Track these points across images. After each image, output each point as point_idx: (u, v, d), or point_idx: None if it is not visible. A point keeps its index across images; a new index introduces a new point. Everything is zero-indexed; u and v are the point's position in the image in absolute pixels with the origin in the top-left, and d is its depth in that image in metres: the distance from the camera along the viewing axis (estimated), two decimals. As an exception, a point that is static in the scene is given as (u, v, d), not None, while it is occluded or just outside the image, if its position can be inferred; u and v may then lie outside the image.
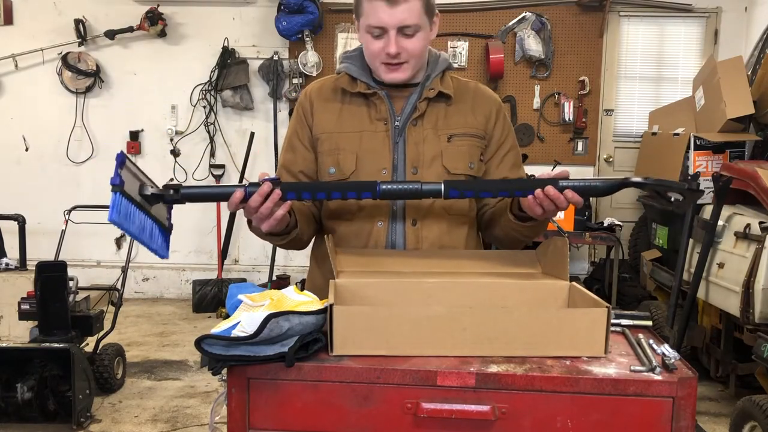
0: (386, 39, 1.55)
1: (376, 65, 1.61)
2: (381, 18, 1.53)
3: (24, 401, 3.15)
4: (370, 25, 1.55)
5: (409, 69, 1.60)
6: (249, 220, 1.51)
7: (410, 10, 1.52)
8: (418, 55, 1.59)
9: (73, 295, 3.50)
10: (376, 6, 1.52)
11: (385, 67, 1.59)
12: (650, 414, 1.13)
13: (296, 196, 1.46)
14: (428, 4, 1.56)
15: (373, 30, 1.56)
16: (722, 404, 3.67)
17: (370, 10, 1.54)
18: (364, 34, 1.59)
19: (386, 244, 1.62)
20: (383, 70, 1.60)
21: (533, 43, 5.50)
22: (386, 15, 1.52)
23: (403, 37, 1.55)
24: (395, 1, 1.51)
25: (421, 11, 1.55)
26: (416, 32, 1.55)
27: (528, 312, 1.22)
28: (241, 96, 5.66)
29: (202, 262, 5.95)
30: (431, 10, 1.58)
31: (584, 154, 5.64)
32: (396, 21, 1.52)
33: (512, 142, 1.73)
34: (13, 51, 5.72)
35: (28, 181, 5.88)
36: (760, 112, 4.12)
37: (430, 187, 1.46)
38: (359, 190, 1.47)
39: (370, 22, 1.55)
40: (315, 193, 1.48)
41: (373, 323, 1.19)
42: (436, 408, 1.14)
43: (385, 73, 1.60)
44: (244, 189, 1.41)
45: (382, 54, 1.57)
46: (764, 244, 3.14)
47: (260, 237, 1.60)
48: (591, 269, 5.66)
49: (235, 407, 1.18)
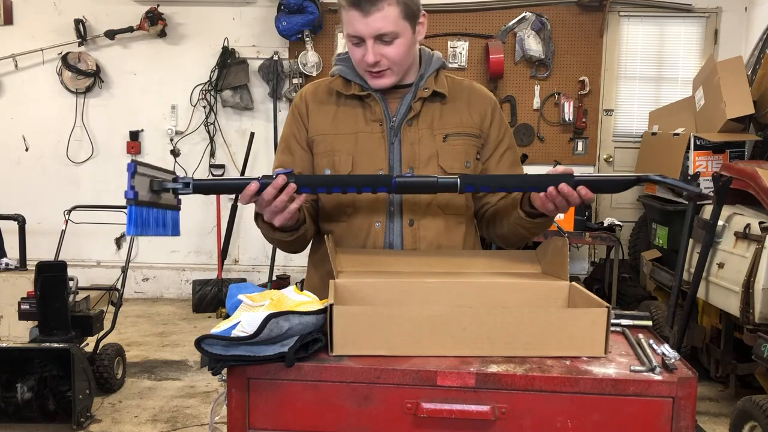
0: (364, 48, 1.55)
1: (361, 72, 1.62)
2: (357, 28, 1.53)
3: (24, 401, 3.14)
4: (349, 34, 1.56)
5: (392, 75, 1.60)
6: (257, 215, 1.49)
7: (385, 18, 1.51)
8: (400, 61, 1.59)
9: (73, 295, 3.50)
10: (351, 16, 1.53)
11: (369, 75, 1.61)
12: (650, 414, 1.13)
13: (311, 190, 1.46)
14: (408, 9, 1.54)
15: (351, 39, 1.56)
16: (722, 404, 3.67)
17: (347, 20, 1.55)
18: (347, 42, 1.60)
19: (384, 245, 1.62)
20: (368, 77, 1.62)
21: (533, 43, 5.50)
22: (361, 25, 1.52)
23: (382, 45, 1.55)
24: (368, 11, 1.50)
25: (398, 17, 1.53)
26: (395, 39, 1.55)
27: (528, 312, 1.22)
28: (241, 96, 5.66)
29: (202, 262, 5.95)
30: (412, 14, 1.56)
31: (584, 154, 5.64)
32: (372, 30, 1.52)
33: (510, 140, 1.74)
34: (13, 51, 5.73)
35: (28, 181, 5.88)
36: (760, 112, 4.12)
37: (445, 181, 1.46)
38: (374, 184, 1.47)
39: (348, 31, 1.56)
40: (330, 188, 1.46)
41: (373, 323, 1.19)
42: (436, 408, 1.14)
43: (370, 80, 1.62)
44: (258, 181, 1.40)
45: (363, 62, 1.58)
46: (764, 244, 3.14)
47: (267, 234, 1.57)
48: (591, 269, 5.67)
49: (235, 407, 1.18)
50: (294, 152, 1.69)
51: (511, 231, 1.65)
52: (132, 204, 1.27)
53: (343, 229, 1.64)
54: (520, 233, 1.63)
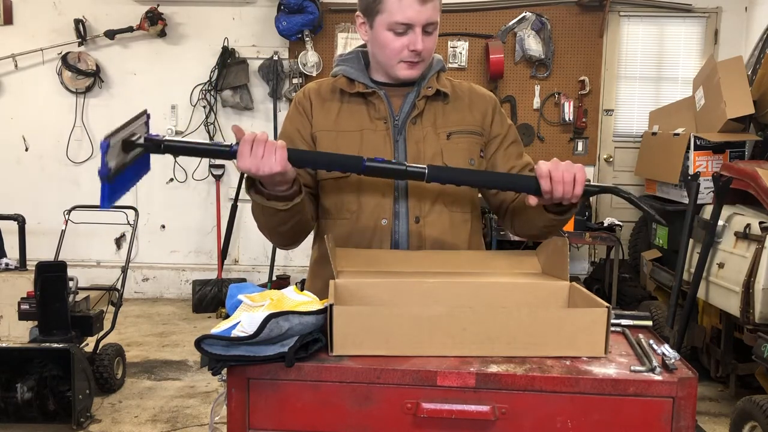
0: (411, 36, 1.56)
1: (392, 63, 1.61)
2: (409, 15, 1.54)
3: (24, 401, 3.14)
4: (396, 22, 1.55)
5: (423, 66, 1.63)
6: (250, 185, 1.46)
7: (435, 8, 1.57)
8: (432, 53, 1.64)
9: (73, 295, 3.50)
10: (405, 3, 1.53)
11: (405, 65, 1.60)
12: (650, 414, 1.13)
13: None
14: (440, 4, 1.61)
15: (397, 26, 1.56)
16: (722, 404, 3.67)
17: (396, 7, 1.54)
18: (382, 32, 1.58)
19: (390, 242, 1.62)
20: (401, 68, 1.61)
21: (533, 43, 5.50)
22: (415, 12, 1.53)
23: (424, 35, 1.57)
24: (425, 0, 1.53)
25: (439, 8, 1.59)
26: (435, 30, 1.59)
27: (528, 312, 1.22)
28: (241, 96, 5.66)
29: (202, 262, 5.95)
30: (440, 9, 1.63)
31: (584, 154, 5.64)
32: (424, 18, 1.55)
33: (514, 135, 1.75)
34: (13, 51, 5.73)
35: (28, 181, 5.88)
36: (760, 112, 4.12)
37: (414, 170, 1.48)
38: (345, 165, 1.48)
39: (395, 18, 1.55)
40: (301, 163, 1.47)
41: (373, 323, 1.19)
42: (436, 408, 1.14)
43: (402, 70, 1.61)
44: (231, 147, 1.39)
45: (404, 51, 1.58)
46: (764, 244, 3.14)
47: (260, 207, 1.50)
48: (591, 269, 5.67)
49: (235, 407, 1.18)
50: (296, 145, 1.68)
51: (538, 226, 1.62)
52: (105, 182, 1.31)
53: (348, 227, 1.64)
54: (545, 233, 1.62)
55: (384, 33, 1.58)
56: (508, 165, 1.70)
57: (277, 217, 1.51)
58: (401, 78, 1.63)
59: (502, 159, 1.71)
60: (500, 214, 1.76)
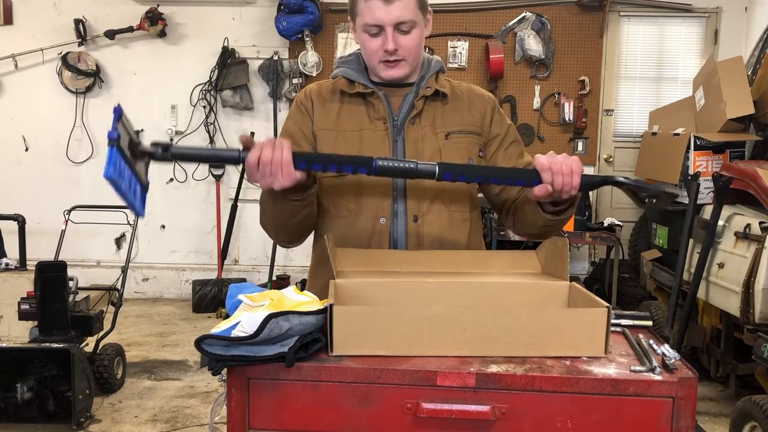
0: (383, 36, 1.58)
1: (374, 64, 1.63)
2: (377, 16, 1.55)
3: (24, 401, 3.14)
4: (367, 24, 1.58)
5: (406, 66, 1.63)
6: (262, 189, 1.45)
7: (406, 7, 1.56)
8: (415, 51, 1.62)
9: (73, 295, 3.50)
10: (372, 5, 1.55)
11: (384, 65, 1.62)
12: (650, 414, 1.13)
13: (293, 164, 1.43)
14: (422, 0, 1.59)
15: (369, 28, 1.58)
16: (722, 404, 3.67)
17: (366, 10, 1.57)
18: (361, 34, 1.62)
19: (389, 240, 1.62)
20: (382, 68, 1.63)
21: (533, 43, 5.50)
22: (382, 12, 1.55)
23: (399, 34, 1.58)
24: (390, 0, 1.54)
25: (416, 6, 1.58)
26: (412, 28, 1.59)
27: (528, 312, 1.22)
28: (241, 96, 5.66)
29: (202, 262, 5.95)
30: (424, 5, 1.61)
31: (584, 154, 5.64)
32: (392, 18, 1.55)
33: (514, 135, 1.75)
34: (13, 51, 5.73)
35: (28, 181, 5.88)
36: (760, 112, 4.12)
37: (425, 167, 1.47)
38: (356, 165, 1.47)
39: (366, 20, 1.58)
40: (311, 164, 1.45)
41: (373, 323, 1.19)
42: (436, 408, 1.14)
43: (383, 71, 1.63)
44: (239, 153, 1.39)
45: (380, 52, 1.59)
46: (764, 244, 3.14)
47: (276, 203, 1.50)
48: (591, 269, 5.67)
49: (235, 407, 1.18)
50: (299, 144, 1.69)
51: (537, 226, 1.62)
52: (114, 145, 1.25)
53: (347, 226, 1.64)
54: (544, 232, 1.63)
55: (362, 35, 1.62)
56: (509, 165, 1.70)
57: (290, 206, 1.52)
58: (384, 78, 1.64)
59: (503, 159, 1.71)
60: (502, 213, 1.76)
